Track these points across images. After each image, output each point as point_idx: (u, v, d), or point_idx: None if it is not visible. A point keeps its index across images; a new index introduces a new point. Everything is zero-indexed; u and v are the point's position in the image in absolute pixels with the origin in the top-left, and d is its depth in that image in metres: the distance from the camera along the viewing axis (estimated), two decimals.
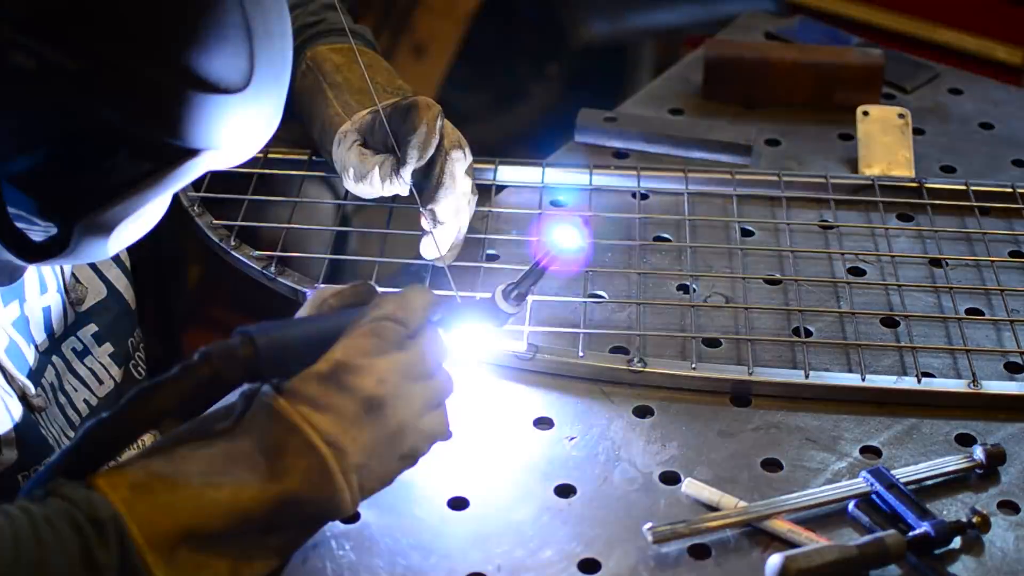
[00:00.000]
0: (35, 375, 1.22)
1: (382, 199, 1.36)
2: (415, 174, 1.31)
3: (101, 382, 1.30)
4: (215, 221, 1.40)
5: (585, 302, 1.34)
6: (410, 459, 1.06)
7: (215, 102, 1.02)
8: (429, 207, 1.30)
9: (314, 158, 1.49)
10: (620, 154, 1.59)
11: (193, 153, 1.04)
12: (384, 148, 1.32)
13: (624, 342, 1.30)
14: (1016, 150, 1.62)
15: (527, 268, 1.16)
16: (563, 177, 1.52)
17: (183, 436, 1.02)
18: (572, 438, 1.21)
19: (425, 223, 1.30)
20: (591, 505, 1.14)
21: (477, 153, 1.32)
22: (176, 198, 1.42)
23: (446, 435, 1.07)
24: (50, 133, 1.03)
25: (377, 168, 1.31)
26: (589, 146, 1.60)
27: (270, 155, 1.49)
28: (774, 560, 1.05)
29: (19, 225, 1.07)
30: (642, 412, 1.24)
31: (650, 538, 1.08)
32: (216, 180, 1.44)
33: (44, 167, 1.04)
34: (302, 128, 1.44)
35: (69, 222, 1.06)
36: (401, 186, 1.31)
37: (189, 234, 1.42)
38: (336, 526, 1.11)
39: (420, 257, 1.35)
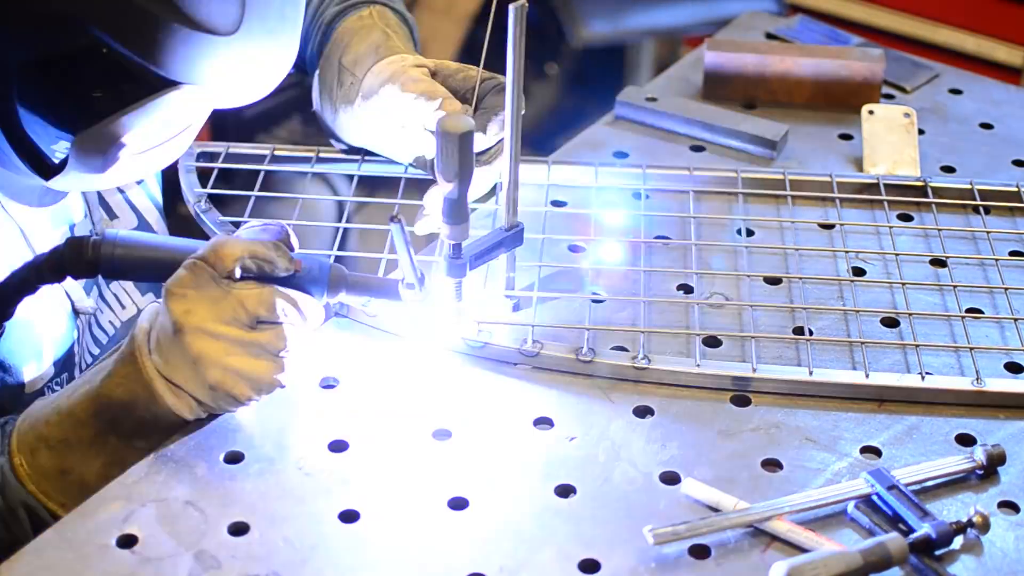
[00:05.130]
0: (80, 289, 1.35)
1: (383, 196, 1.37)
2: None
3: (124, 307, 1.42)
4: (221, 218, 1.40)
5: (588, 300, 1.34)
6: (223, 394, 1.14)
7: (199, 40, 1.12)
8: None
9: (320, 155, 1.50)
10: (621, 153, 1.59)
11: (174, 85, 1.15)
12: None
13: (626, 340, 1.30)
14: (1016, 150, 1.62)
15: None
16: (568, 175, 1.52)
17: None
18: (572, 438, 1.20)
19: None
20: (591, 505, 1.14)
21: (478, 152, 1.32)
22: (181, 196, 1.43)
23: (268, 385, 1.15)
24: (51, 51, 1.14)
25: (440, 102, 1.33)
26: (629, 122, 1.64)
27: (276, 152, 1.50)
28: (778, 569, 1.05)
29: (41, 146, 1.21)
30: (642, 412, 1.24)
31: (651, 540, 1.08)
32: (222, 177, 1.45)
33: (46, 86, 1.16)
34: (303, 125, 1.48)
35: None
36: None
37: (196, 230, 1.43)
38: (335, 526, 1.11)
39: (426, 252, 1.35)
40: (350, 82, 1.38)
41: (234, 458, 1.17)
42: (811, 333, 1.31)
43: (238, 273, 1.14)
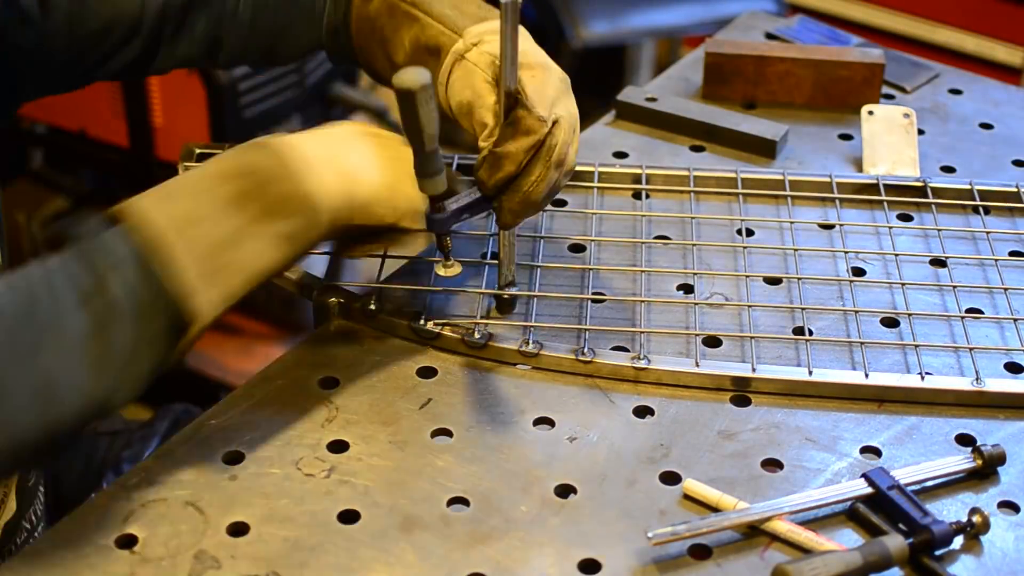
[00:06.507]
0: None
1: None
2: None
3: None
4: None
5: (588, 300, 1.34)
6: None
7: None
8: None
9: None
10: (621, 153, 1.59)
11: None
12: None
13: (626, 340, 1.30)
14: (1016, 150, 1.62)
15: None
16: None
17: None
18: (572, 438, 1.20)
19: None
20: (591, 505, 1.14)
21: (477, 151, 1.32)
22: None
23: None
24: None
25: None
26: (629, 122, 1.64)
27: None
28: (778, 570, 1.05)
29: None
30: (642, 412, 1.24)
31: (651, 541, 1.08)
32: None
33: None
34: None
35: None
36: None
37: None
38: (335, 526, 1.11)
39: (426, 253, 1.35)
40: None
41: (234, 458, 1.17)
42: (811, 333, 1.31)
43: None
